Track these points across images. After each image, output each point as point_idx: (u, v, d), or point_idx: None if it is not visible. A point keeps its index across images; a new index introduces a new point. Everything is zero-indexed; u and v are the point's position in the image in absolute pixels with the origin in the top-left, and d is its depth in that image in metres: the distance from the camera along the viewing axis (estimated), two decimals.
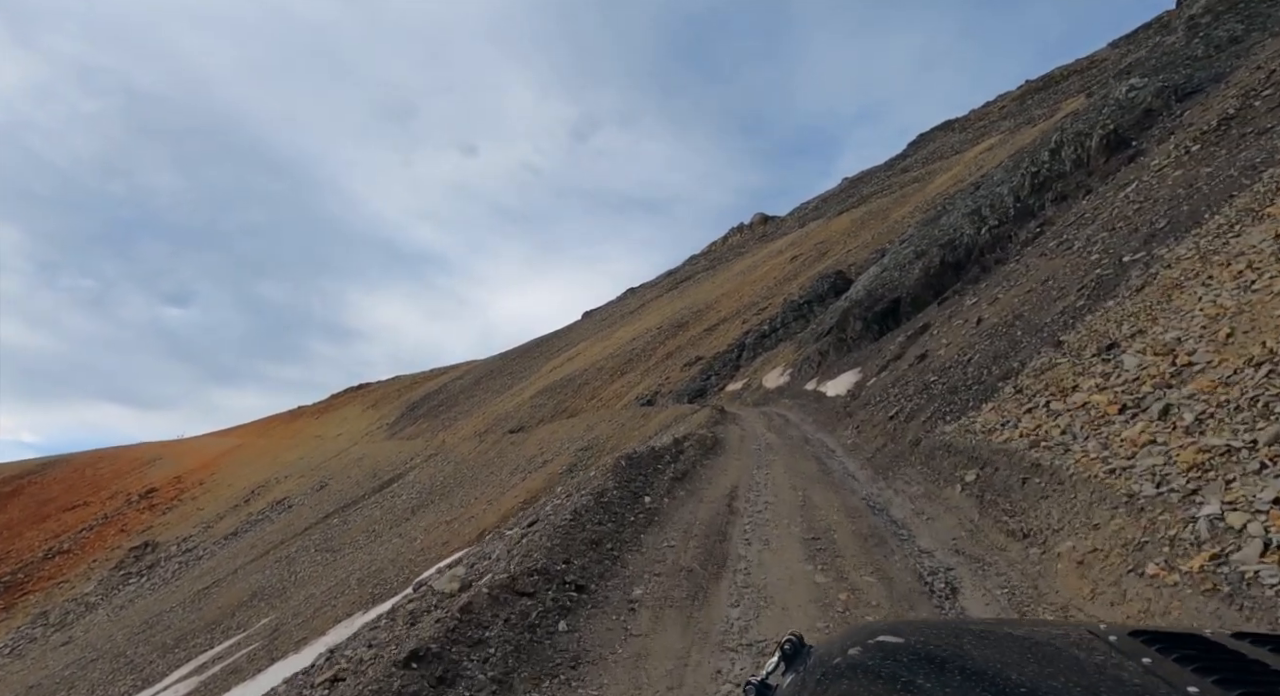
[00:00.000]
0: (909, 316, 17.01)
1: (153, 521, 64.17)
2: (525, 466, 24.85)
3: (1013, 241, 15.10)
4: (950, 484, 6.07)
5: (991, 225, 16.84)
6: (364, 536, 30.23)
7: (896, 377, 10.33)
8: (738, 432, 11.24)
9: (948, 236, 18.61)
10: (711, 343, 34.79)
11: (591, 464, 21.40)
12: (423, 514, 28.83)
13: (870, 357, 15.51)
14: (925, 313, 15.92)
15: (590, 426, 25.56)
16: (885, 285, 19.34)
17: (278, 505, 50.75)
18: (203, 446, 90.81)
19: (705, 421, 12.24)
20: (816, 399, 15.69)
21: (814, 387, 17.66)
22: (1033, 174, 16.93)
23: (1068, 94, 56.37)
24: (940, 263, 17.24)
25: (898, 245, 27.07)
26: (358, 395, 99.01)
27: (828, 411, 12.52)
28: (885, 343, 15.70)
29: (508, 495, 21.90)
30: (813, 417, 13.19)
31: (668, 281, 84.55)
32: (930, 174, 56.49)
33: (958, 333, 9.93)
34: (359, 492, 41.92)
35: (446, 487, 32.07)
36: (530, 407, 45.06)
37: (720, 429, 11.28)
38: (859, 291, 21.18)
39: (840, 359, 18.69)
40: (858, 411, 10.42)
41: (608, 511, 6.65)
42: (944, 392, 7.90)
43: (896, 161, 79.64)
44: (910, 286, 17.64)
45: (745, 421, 13.75)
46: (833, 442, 10.03)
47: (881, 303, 18.15)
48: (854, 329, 18.79)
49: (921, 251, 19.79)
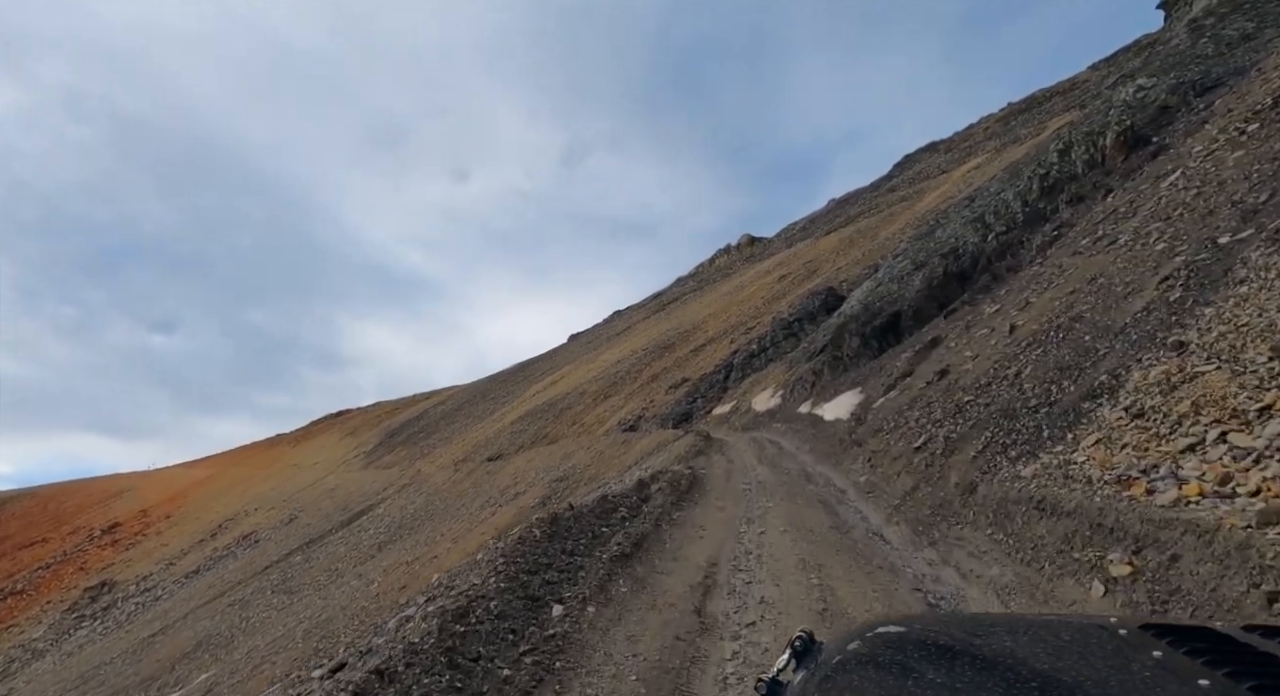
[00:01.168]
0: (911, 331, 15.54)
1: (114, 558, 61.23)
2: (497, 498, 22.98)
3: (1025, 246, 13.73)
4: (1078, 574, 3.84)
5: (998, 232, 15.51)
6: (325, 576, 28.20)
7: (912, 399, 8.76)
8: (723, 465, 9.55)
9: (950, 246, 17.26)
10: (698, 364, 33.24)
11: (567, 494, 19.62)
12: (389, 550, 26.88)
13: (871, 376, 13.96)
14: (930, 326, 14.45)
15: (568, 454, 23.80)
16: (883, 299, 17.91)
17: (244, 540, 48.42)
18: (173, 477, 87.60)
19: (686, 451, 10.59)
20: (813, 423, 14.08)
21: (809, 410, 16.07)
22: (1041, 177, 15.67)
23: (1052, 113, 56.31)
24: (944, 273, 15.84)
25: (891, 260, 25.80)
26: (337, 422, 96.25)
27: (828, 438, 10.90)
28: (888, 360, 14.17)
29: (475, 531, 19.99)
30: (810, 445, 11.59)
31: (654, 303, 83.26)
32: (918, 193, 55.92)
33: (983, 344, 8.41)
34: (327, 526, 39.74)
35: (417, 521, 30.08)
36: (510, 434, 43.13)
37: (703, 460, 9.59)
38: (854, 306, 19.75)
39: (836, 379, 17.15)
40: (867, 439, 8.78)
41: (463, 653, 3.52)
42: (994, 417, 6.19)
43: (882, 182, 79.37)
44: (911, 299, 16.20)
45: (733, 450, 12.11)
46: (841, 480, 8.33)
47: (880, 317, 16.68)
48: (850, 346, 17.29)
49: (920, 263, 18.43)
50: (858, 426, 9.87)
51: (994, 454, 5.67)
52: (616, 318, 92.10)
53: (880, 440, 8.24)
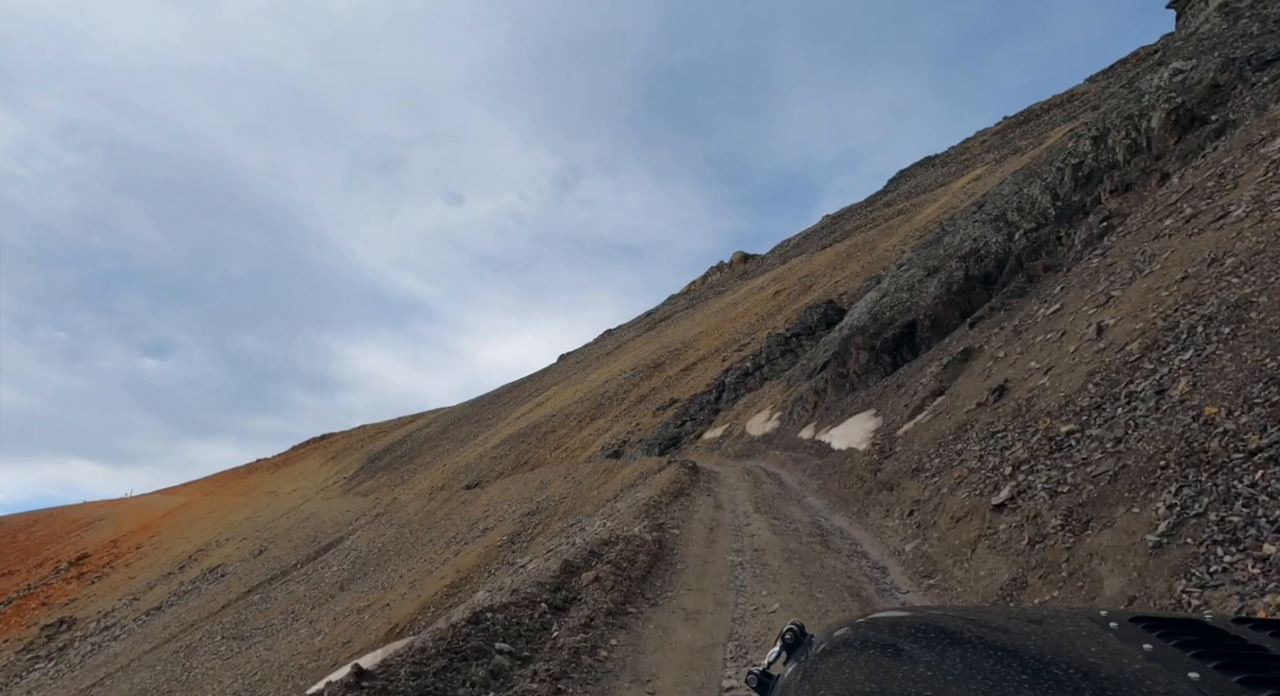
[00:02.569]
0: (930, 342, 13.44)
1: (79, 592, 58.27)
2: (465, 534, 20.64)
3: (1064, 242, 11.72)
4: None
5: (1027, 229, 13.51)
6: (280, 619, 25.70)
7: (959, 425, 6.59)
8: (707, 514, 7.27)
9: (968, 248, 15.26)
10: (688, 384, 31.05)
11: (538, 531, 17.29)
12: (349, 590, 24.44)
13: (886, 396, 11.81)
14: (955, 336, 12.36)
15: (544, 484, 21.51)
16: (893, 308, 15.85)
17: (210, 573, 45.79)
18: (148, 505, 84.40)
19: (662, 492, 8.33)
20: (818, 452, 11.90)
21: (812, 436, 13.88)
22: (1074, 168, 13.72)
23: (1052, 124, 55.18)
24: (964, 277, 13.80)
25: (896, 269, 23.83)
26: (319, 446, 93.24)
27: (841, 474, 8.69)
28: (906, 376, 12.04)
29: (435, 575, 17.62)
30: (818, 482, 9.41)
31: (645, 322, 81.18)
32: (916, 206, 54.36)
33: (1056, 352, 6.26)
34: (293, 561, 37.16)
35: (383, 556, 27.61)
36: (491, 459, 40.71)
37: (680, 511, 7.27)
38: (859, 318, 17.68)
39: (842, 399, 14.99)
40: (902, 481, 6.55)
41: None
42: (1158, 464, 3.69)
43: (877, 197, 78.05)
44: (927, 307, 14.13)
45: (722, 486, 9.90)
46: (874, 546, 6.17)
47: (891, 328, 14.59)
48: (858, 361, 15.17)
49: (933, 268, 16.40)
50: (883, 460, 7.66)
51: (1205, 537, 3.08)
52: (607, 337, 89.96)
53: (924, 484, 6.00)
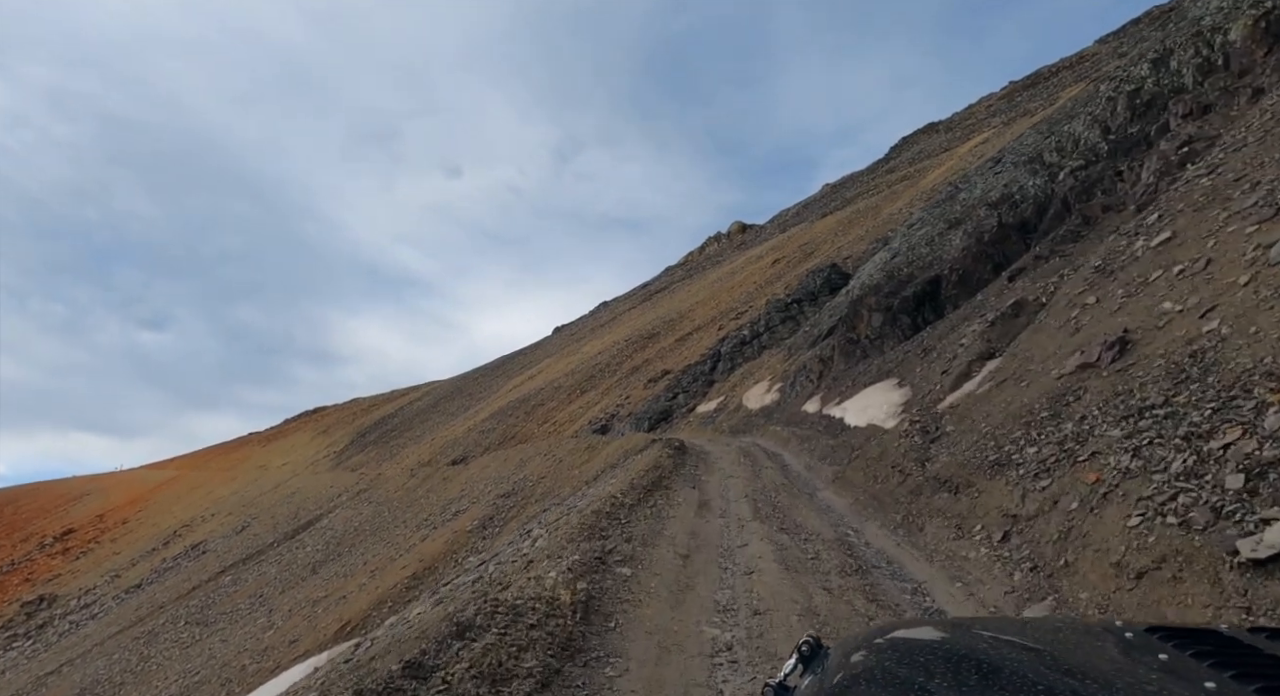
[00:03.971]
0: (956, 300, 11.58)
1: (63, 568, 57.15)
2: (437, 516, 19.02)
3: (1127, 177, 9.78)
4: None
5: (1074, 167, 11.55)
6: (246, 604, 24.26)
7: (1052, 395, 4.55)
8: (683, 530, 5.35)
9: (998, 195, 13.29)
10: (682, 354, 29.25)
11: (512, 516, 15.62)
12: (319, 573, 22.95)
13: (911, 362, 9.98)
14: (988, 291, 10.50)
15: (523, 462, 19.84)
16: (911, 264, 13.95)
17: (192, 550, 44.57)
18: (136, 479, 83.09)
19: (632, 486, 6.49)
20: (828, 428, 10.11)
21: (819, 410, 12.09)
22: (1129, 95, 11.69)
23: (1063, 85, 52.52)
24: (997, 226, 11.88)
25: (906, 229, 21.82)
26: (311, 420, 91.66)
27: (867, 460, 6.82)
28: (933, 339, 10.20)
29: (398, 563, 16.00)
30: (833, 467, 7.66)
31: (641, 293, 79.08)
32: (920, 171, 51.98)
33: (1207, 286, 4.23)
34: (270, 539, 35.76)
35: (358, 536, 26.10)
36: (478, 433, 39.10)
37: (645, 523, 5.37)
38: (872, 277, 15.78)
39: (853, 367, 13.17)
40: (973, 478, 4.45)
41: None
42: None
43: (880, 165, 75.34)
44: (954, 261, 12.23)
45: (713, 474, 8.13)
46: (960, 602, 4.15)
47: (910, 286, 12.70)
48: (870, 324, 13.32)
49: (956, 220, 14.45)
50: (929, 444, 5.76)
51: None
52: (603, 309, 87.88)
53: (1021, 489, 3.90)
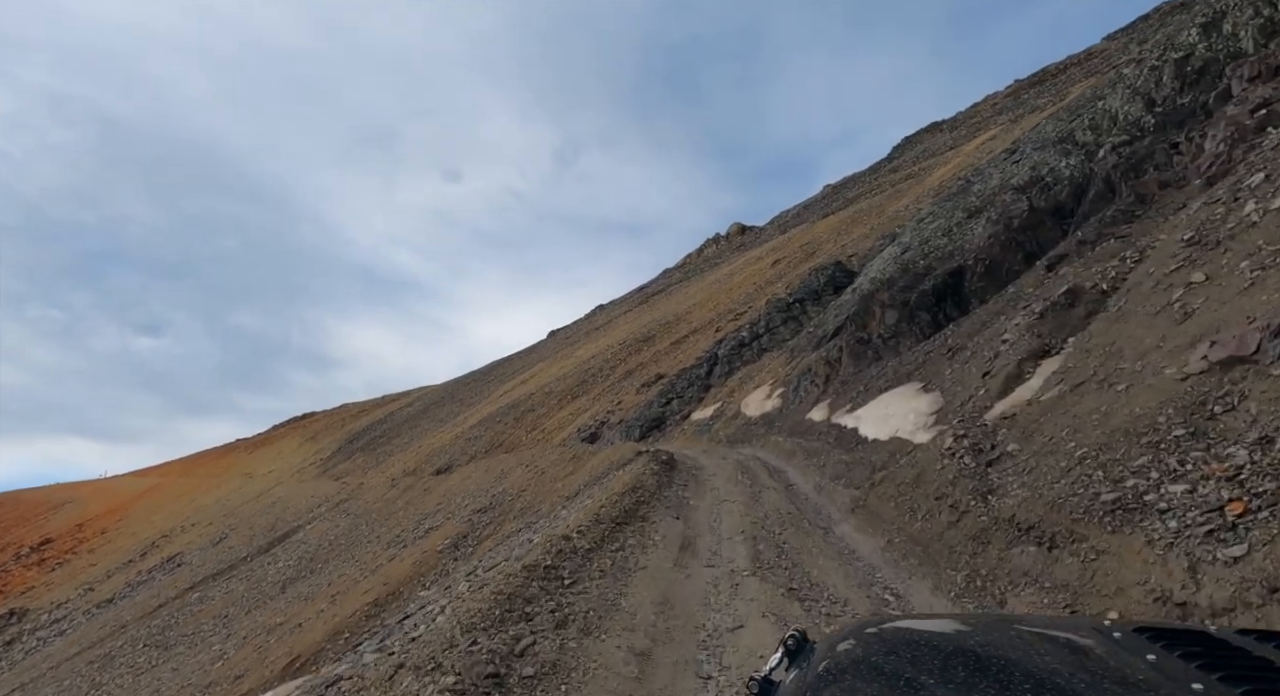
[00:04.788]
0: (983, 294, 10.17)
1: (38, 580, 55.33)
2: (409, 533, 17.56)
3: (1186, 149, 8.40)
4: None
5: (1116, 143, 10.17)
6: (210, 625, 22.69)
7: (1180, 400, 3.29)
8: (649, 598, 3.83)
9: (1026, 178, 11.91)
10: (677, 358, 27.85)
11: (486, 534, 14.16)
12: (288, 592, 21.41)
13: (936, 363, 8.56)
14: (1022, 282, 9.10)
15: (504, 474, 18.40)
16: (928, 256, 12.54)
17: (168, 563, 42.80)
18: (119, 487, 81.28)
19: (597, 518, 5.08)
20: (840, 440, 8.69)
21: (827, 418, 10.67)
22: (1177, 64, 10.33)
23: (1071, 81, 51.42)
24: (1028, 210, 10.48)
25: (914, 224, 20.45)
26: (299, 426, 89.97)
27: (897, 485, 5.35)
28: (962, 337, 8.79)
29: (361, 586, 14.51)
30: (851, 491, 6.26)
31: (638, 296, 77.66)
32: (926, 170, 50.70)
33: None
34: (244, 553, 34.12)
35: (331, 552, 24.54)
36: (465, 441, 37.63)
37: (598, 585, 3.85)
38: (884, 271, 14.37)
39: (864, 370, 11.75)
40: (1085, 530, 2.90)
41: None
42: None
43: (882, 165, 74.12)
44: (979, 250, 10.82)
45: (704, 497, 6.71)
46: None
47: (929, 279, 11.30)
48: (883, 323, 11.91)
49: (976, 209, 13.05)
50: (988, 469, 4.12)
51: None
52: (599, 312, 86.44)
53: (1188, 561, 2.36)
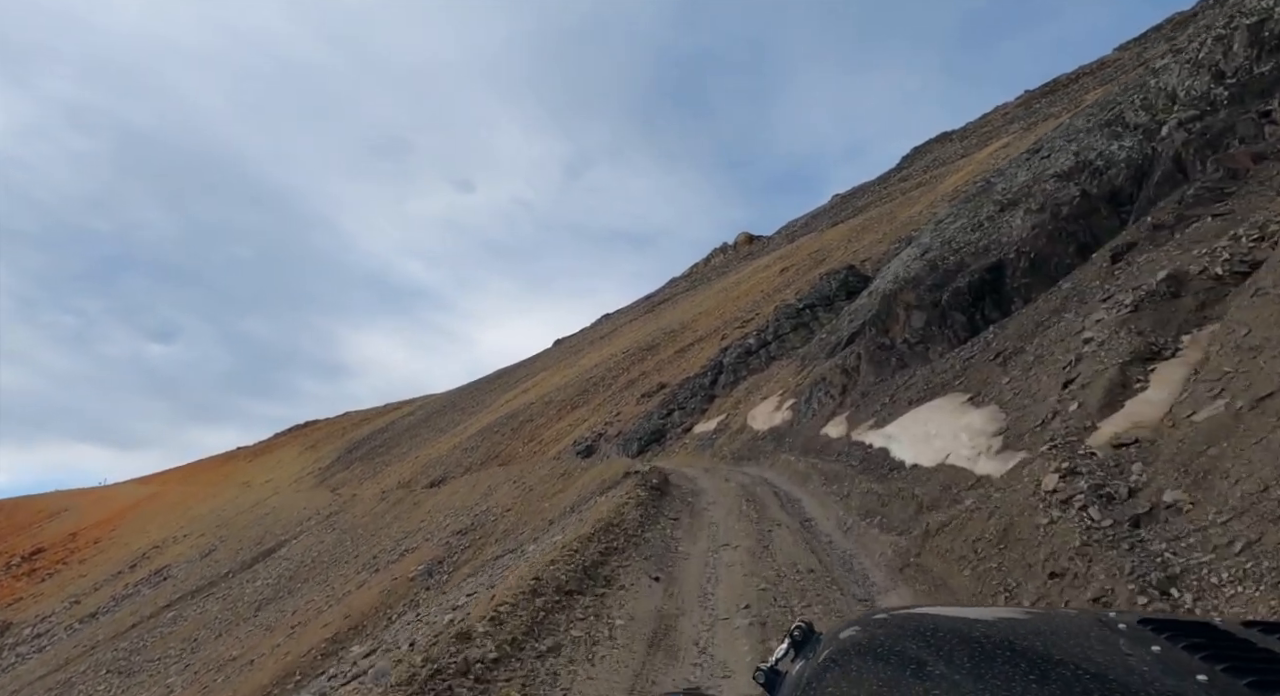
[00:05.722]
0: (1028, 291, 8.79)
1: (27, 591, 54.27)
2: (386, 554, 16.18)
3: (1278, 117, 7.05)
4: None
5: (1184, 119, 8.82)
6: (177, 649, 21.42)
7: None
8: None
9: (1070, 164, 10.56)
10: (682, 367, 26.51)
11: (464, 559, 12.79)
12: (263, 612, 20.07)
13: (984, 371, 7.19)
14: (1082, 276, 7.73)
15: (491, 490, 17.05)
16: (960, 251, 11.17)
17: (155, 576, 41.71)
18: (116, 495, 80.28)
19: (543, 580, 3.76)
20: (866, 463, 7.33)
21: (845, 434, 9.29)
22: (1250, 30, 9.02)
23: (1086, 89, 50.23)
24: (1080, 197, 9.12)
25: (933, 225, 19.08)
26: (300, 434, 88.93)
27: (959, 536, 3.92)
28: (1007, 340, 7.44)
29: (323, 617, 13.14)
30: (889, 536, 4.91)
31: (644, 305, 76.45)
32: (937, 178, 49.40)
33: None
34: (227, 568, 32.86)
35: (313, 570, 23.19)
36: (461, 452, 36.33)
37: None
38: (908, 269, 13.01)
39: (887, 379, 10.37)
40: None
41: None
42: None
43: (892, 174, 72.88)
44: (1019, 244, 9.46)
45: (697, 539, 5.39)
46: None
47: (964, 275, 9.93)
48: (909, 326, 10.54)
49: (1010, 201, 11.69)
50: (1135, 530, 2.79)
51: None
52: (604, 321, 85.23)
53: None
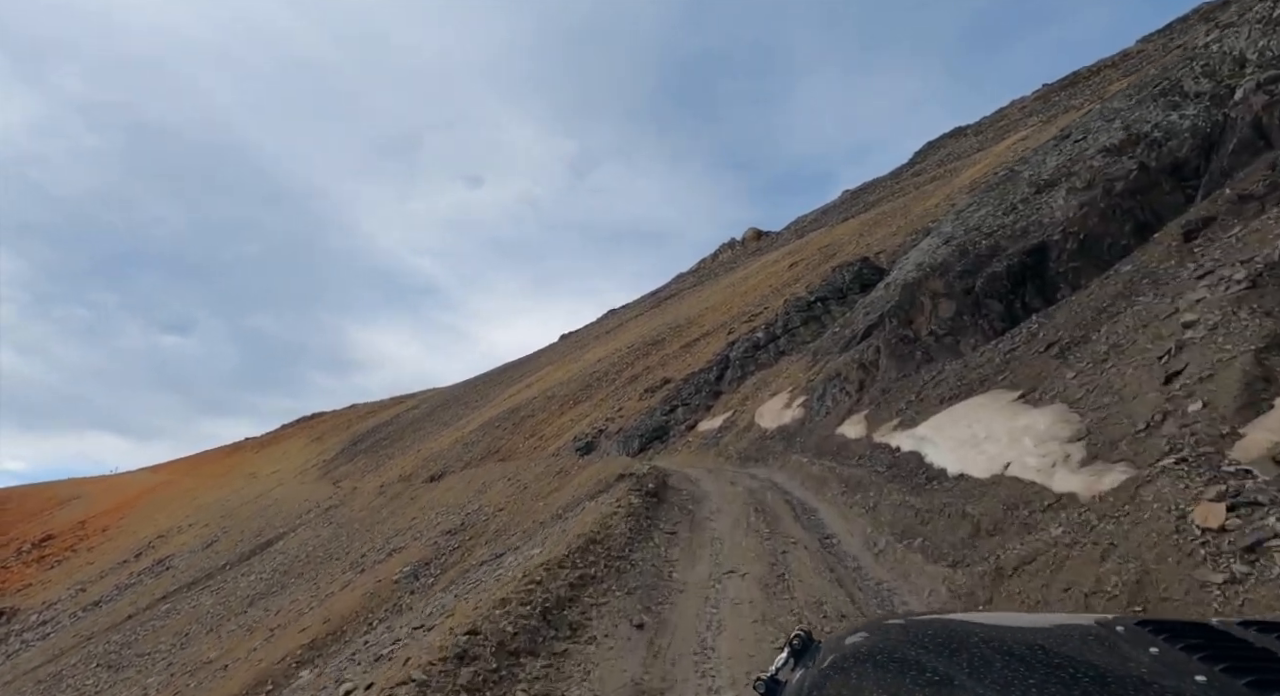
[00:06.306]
0: (1079, 276, 7.80)
1: (35, 577, 54.33)
2: (374, 553, 15.41)
3: None
4: None
5: (1262, 81, 7.78)
6: (167, 644, 20.80)
7: None
8: None
9: (1121, 138, 9.53)
10: (687, 362, 25.61)
11: (452, 562, 11.98)
12: (255, 607, 19.43)
13: (1036, 364, 6.24)
14: (1145, 257, 6.74)
15: (485, 487, 16.25)
16: (994, 234, 10.16)
17: (158, 565, 41.45)
18: (126, 484, 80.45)
19: (488, 638, 2.94)
20: (894, 468, 6.42)
21: (865, 435, 8.35)
22: None
23: (1109, 81, 48.74)
24: (1137, 171, 8.11)
25: (953, 216, 18.02)
26: (306, 426, 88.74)
27: (1047, 574, 3.10)
28: (1058, 329, 6.48)
29: (304, 620, 12.35)
30: (940, 567, 4.02)
31: (650, 300, 75.50)
32: (952, 172, 48.07)
33: None
34: (225, 560, 32.38)
35: (307, 565, 22.51)
36: (462, 447, 35.62)
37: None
38: (935, 255, 12.01)
39: (912, 374, 9.40)
40: None
41: None
42: None
43: (904, 169, 71.43)
44: (1066, 223, 8.45)
45: (696, 564, 4.54)
46: None
47: (1001, 259, 8.94)
48: (936, 316, 9.56)
49: (1048, 181, 10.67)
50: None
51: None
52: (610, 316, 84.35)
53: None
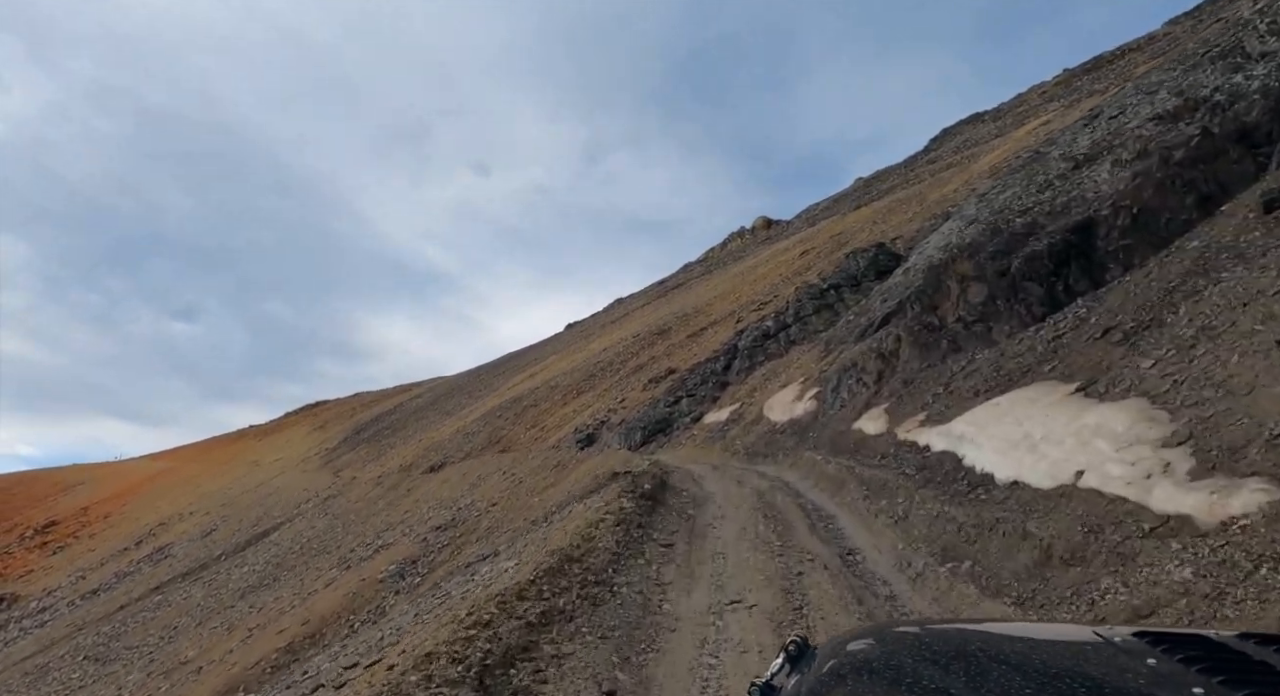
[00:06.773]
0: (1132, 255, 6.90)
1: (37, 563, 54.34)
2: (362, 548, 14.73)
3: None
4: None
5: None
6: (156, 637, 20.30)
7: None
8: None
9: (1175, 104, 8.57)
10: (694, 351, 24.77)
11: (440, 560, 11.27)
12: (245, 600, 18.88)
13: (1096, 353, 5.39)
14: (1212, 232, 5.84)
15: (479, 480, 15.51)
16: (1031, 210, 9.21)
17: (156, 554, 41.18)
18: (130, 470, 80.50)
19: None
20: (927, 473, 5.60)
21: (887, 431, 7.51)
22: None
23: (1135, 64, 47.21)
24: (1200, 137, 7.16)
25: (976, 199, 17.01)
26: (310, 414, 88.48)
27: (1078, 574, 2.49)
28: (1112, 314, 5.62)
29: (284, 619, 11.69)
30: (996, 604, 3.23)
31: (658, 289, 74.47)
32: (970, 158, 46.69)
33: None
34: (221, 550, 31.98)
35: (300, 557, 21.92)
36: (463, 437, 34.97)
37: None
38: (962, 235, 11.08)
39: (937, 364, 8.53)
40: None
41: None
42: None
43: (919, 157, 69.87)
44: (1118, 196, 7.52)
45: (694, 591, 3.83)
46: None
47: (1040, 237, 8.02)
48: (965, 300, 8.66)
49: (1089, 155, 9.71)
50: None
51: None
52: (617, 305, 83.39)
53: None
